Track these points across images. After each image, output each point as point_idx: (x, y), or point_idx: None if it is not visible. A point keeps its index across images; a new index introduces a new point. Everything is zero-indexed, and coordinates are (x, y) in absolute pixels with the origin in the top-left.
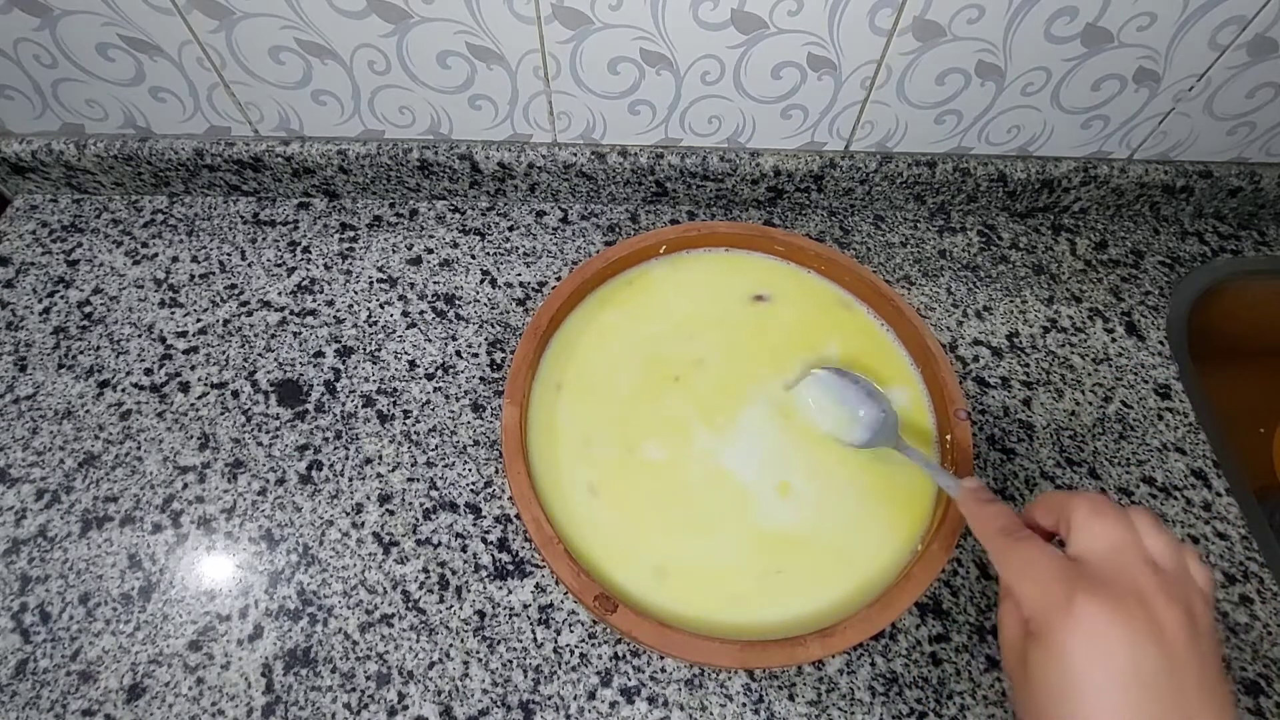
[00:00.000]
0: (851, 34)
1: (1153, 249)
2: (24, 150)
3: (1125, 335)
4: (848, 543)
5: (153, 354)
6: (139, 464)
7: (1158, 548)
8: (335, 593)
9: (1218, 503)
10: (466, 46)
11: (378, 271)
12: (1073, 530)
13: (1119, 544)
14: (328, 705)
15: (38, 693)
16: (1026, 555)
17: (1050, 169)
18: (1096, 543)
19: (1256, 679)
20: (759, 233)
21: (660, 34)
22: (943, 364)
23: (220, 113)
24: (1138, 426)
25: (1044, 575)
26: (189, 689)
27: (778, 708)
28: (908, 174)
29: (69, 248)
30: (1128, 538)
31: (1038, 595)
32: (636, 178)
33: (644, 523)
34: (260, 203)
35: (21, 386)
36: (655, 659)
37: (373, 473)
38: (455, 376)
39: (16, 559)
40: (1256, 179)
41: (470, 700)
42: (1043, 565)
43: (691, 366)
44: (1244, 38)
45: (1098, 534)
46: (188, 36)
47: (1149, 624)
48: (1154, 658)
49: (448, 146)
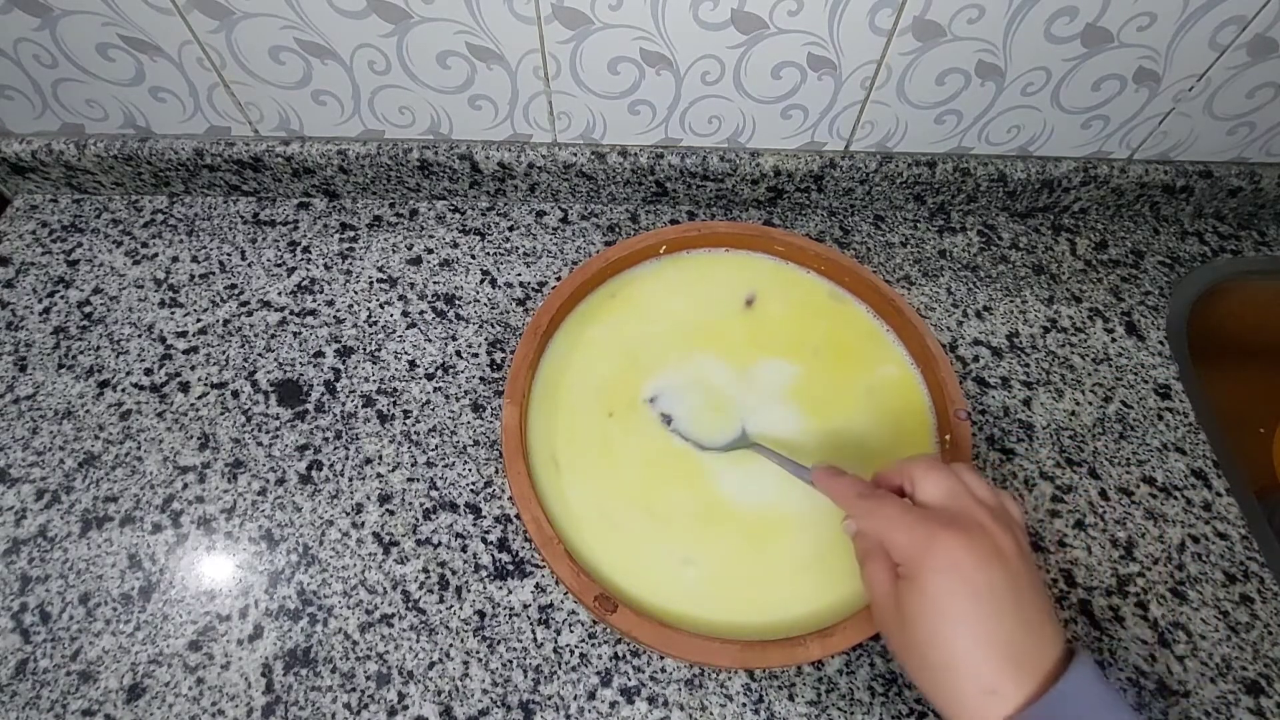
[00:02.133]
0: (851, 34)
1: (1153, 249)
2: (24, 150)
3: (1125, 335)
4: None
5: (153, 354)
6: (139, 464)
7: (982, 491)
8: (335, 593)
9: (1218, 503)
10: (466, 46)
11: (378, 271)
12: (916, 485)
13: (954, 490)
14: (328, 705)
15: (38, 693)
16: (888, 511)
17: (1050, 169)
18: (937, 491)
19: (1257, 679)
20: (759, 233)
21: (660, 34)
22: (943, 364)
23: (220, 113)
24: (1138, 426)
25: (908, 522)
26: (189, 689)
27: (778, 708)
28: (908, 174)
29: (69, 248)
30: (959, 485)
31: (906, 540)
32: (636, 178)
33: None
34: (260, 203)
35: (21, 386)
36: (655, 659)
37: (373, 473)
38: (455, 376)
39: (16, 559)
40: (1256, 179)
41: (470, 700)
42: (905, 516)
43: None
44: (1244, 38)
45: (936, 484)
46: (188, 36)
47: (992, 548)
48: (999, 573)
49: (448, 146)
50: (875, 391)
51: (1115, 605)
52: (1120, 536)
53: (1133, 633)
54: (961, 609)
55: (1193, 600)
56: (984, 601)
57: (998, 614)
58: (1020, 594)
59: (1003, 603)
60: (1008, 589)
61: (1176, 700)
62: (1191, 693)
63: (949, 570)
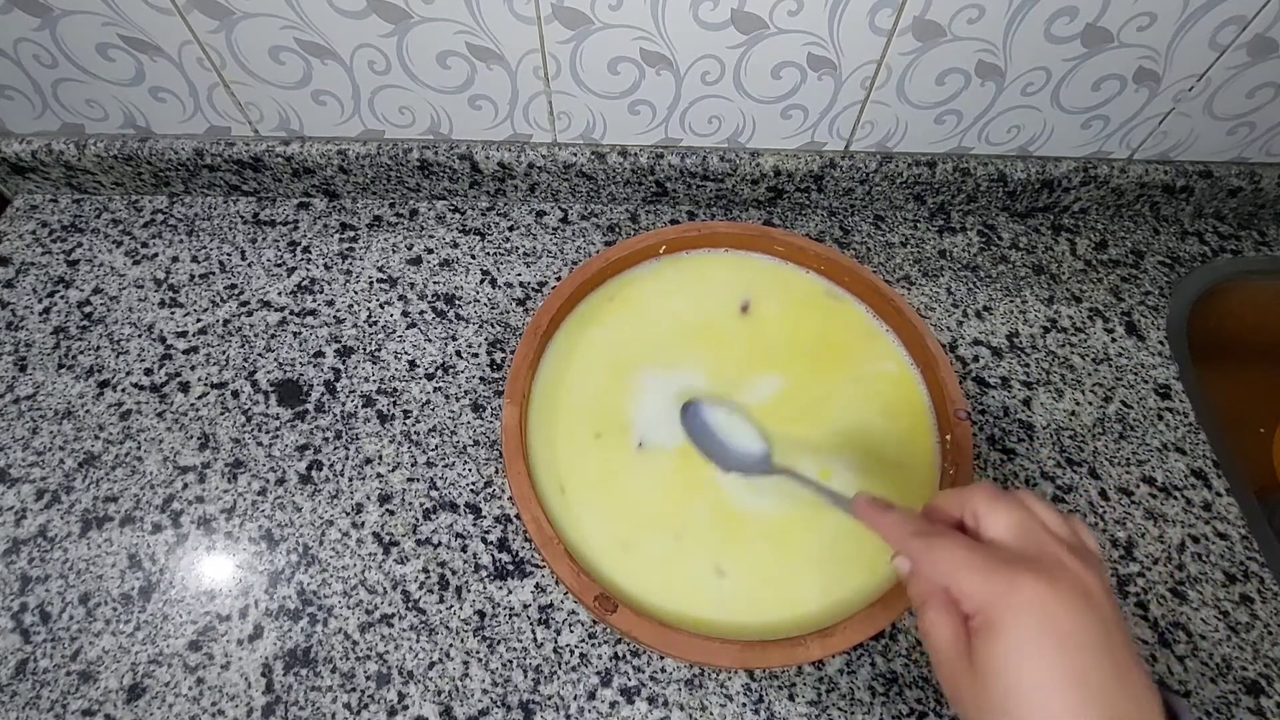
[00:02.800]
0: (851, 34)
1: (1153, 249)
2: (24, 150)
3: (1125, 335)
4: (846, 539)
5: (153, 354)
6: (139, 464)
7: (1054, 522)
8: (335, 593)
9: (1218, 503)
10: (466, 46)
11: (378, 271)
12: (980, 519)
13: (1025, 524)
14: (328, 705)
15: (38, 693)
16: (955, 554)
17: (1050, 169)
18: (1006, 526)
19: (1257, 679)
20: (759, 233)
21: (660, 34)
22: (943, 364)
23: (220, 113)
24: (1138, 426)
25: (981, 566)
26: (189, 689)
27: (778, 708)
28: (908, 174)
29: (69, 248)
30: (1029, 518)
31: (980, 586)
32: (636, 178)
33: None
34: (260, 203)
35: (21, 386)
36: (655, 659)
37: (373, 473)
38: (455, 376)
39: (16, 559)
40: (1256, 179)
41: (470, 700)
42: (975, 558)
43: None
44: (1244, 38)
45: (1003, 517)
46: (188, 36)
47: (1079, 590)
48: (1090, 620)
49: (448, 146)
50: (868, 381)
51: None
52: (1120, 536)
53: (1133, 633)
54: (1050, 662)
55: (1193, 600)
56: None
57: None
58: (1111, 640)
59: (1095, 652)
60: (1099, 635)
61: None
62: (1191, 693)
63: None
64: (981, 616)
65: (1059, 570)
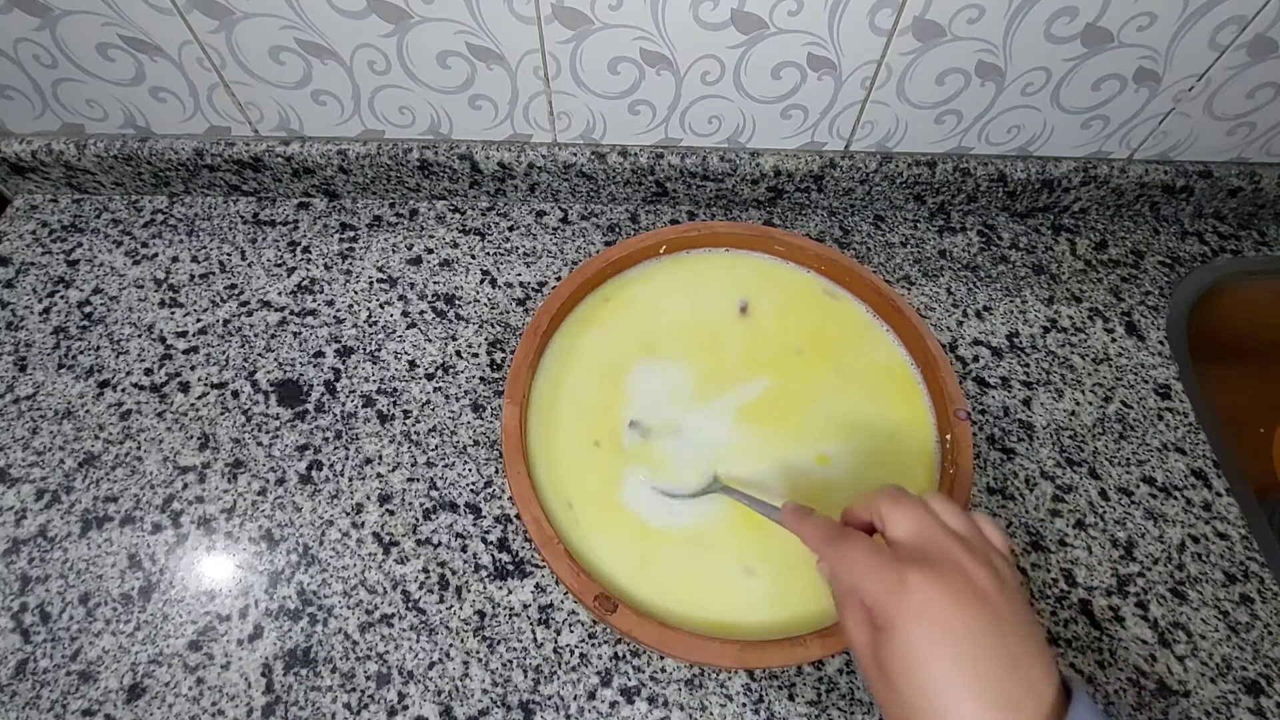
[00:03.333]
0: (851, 34)
1: (1153, 249)
2: (24, 150)
3: (1125, 335)
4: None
5: (153, 354)
6: (139, 464)
7: (954, 521)
8: (335, 593)
9: (1218, 503)
10: (466, 46)
11: (378, 271)
12: (885, 521)
13: (923, 523)
14: (328, 705)
15: (38, 693)
16: (855, 555)
17: (1050, 169)
18: (905, 526)
19: (1257, 679)
20: (759, 233)
21: (660, 34)
22: (943, 364)
23: (220, 113)
24: (1138, 426)
25: (876, 565)
26: (189, 689)
27: (778, 708)
28: (908, 174)
29: (69, 248)
30: (928, 517)
31: (875, 585)
32: (636, 178)
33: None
34: (260, 203)
35: (21, 386)
36: (655, 659)
37: (373, 473)
38: (455, 376)
39: (16, 559)
40: (1256, 179)
41: (470, 700)
42: (872, 558)
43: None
44: (1244, 38)
45: (903, 518)
46: (188, 36)
47: (967, 585)
48: (978, 613)
49: (448, 146)
50: (866, 376)
51: (1115, 605)
52: (1120, 536)
53: (1133, 633)
54: (942, 659)
55: (1193, 600)
56: (965, 648)
57: (982, 659)
58: (1004, 633)
59: (987, 646)
60: (990, 630)
61: (1176, 700)
62: (1191, 693)
63: (923, 617)
64: (878, 615)
65: (950, 568)
